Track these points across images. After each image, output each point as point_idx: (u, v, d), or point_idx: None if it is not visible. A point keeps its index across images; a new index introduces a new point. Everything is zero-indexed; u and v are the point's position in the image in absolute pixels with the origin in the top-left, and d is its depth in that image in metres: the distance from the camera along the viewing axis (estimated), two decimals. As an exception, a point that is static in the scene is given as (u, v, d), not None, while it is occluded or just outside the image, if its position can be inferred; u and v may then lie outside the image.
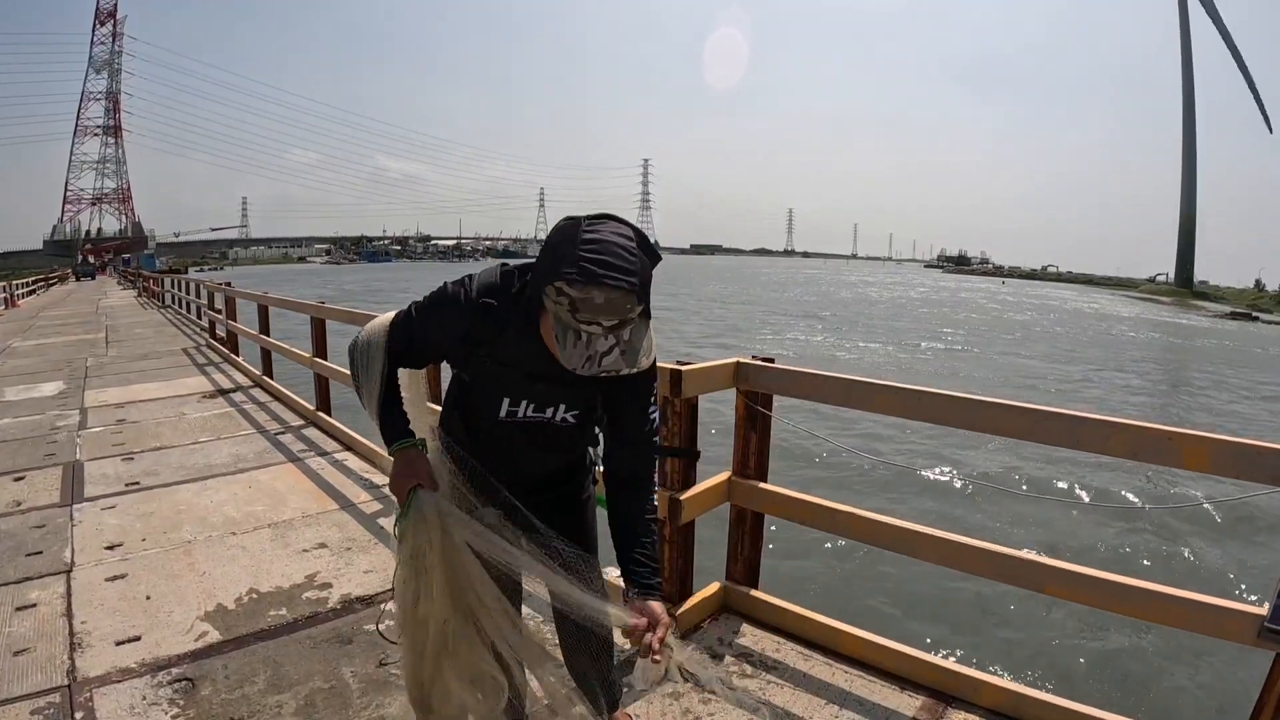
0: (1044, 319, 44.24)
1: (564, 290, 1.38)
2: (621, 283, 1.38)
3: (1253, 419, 15.99)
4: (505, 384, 1.71)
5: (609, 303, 1.37)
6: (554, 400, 1.73)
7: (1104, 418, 2.13)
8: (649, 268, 1.46)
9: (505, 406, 1.73)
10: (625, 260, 1.40)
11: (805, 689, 2.56)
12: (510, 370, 1.68)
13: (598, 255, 1.38)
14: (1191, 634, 2.12)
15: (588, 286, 1.36)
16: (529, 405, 1.73)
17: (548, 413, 1.75)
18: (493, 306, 1.59)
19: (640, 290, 1.42)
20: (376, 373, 1.73)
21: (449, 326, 1.66)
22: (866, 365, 20.13)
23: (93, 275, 62.34)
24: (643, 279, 1.43)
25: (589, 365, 1.41)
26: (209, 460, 5.38)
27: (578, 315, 1.38)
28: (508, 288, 1.61)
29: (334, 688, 2.58)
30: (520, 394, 1.71)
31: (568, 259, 1.39)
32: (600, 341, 1.40)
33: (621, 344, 1.41)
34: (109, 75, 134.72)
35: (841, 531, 2.78)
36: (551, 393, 1.70)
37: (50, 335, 14.95)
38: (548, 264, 1.43)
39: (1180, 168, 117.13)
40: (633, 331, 1.43)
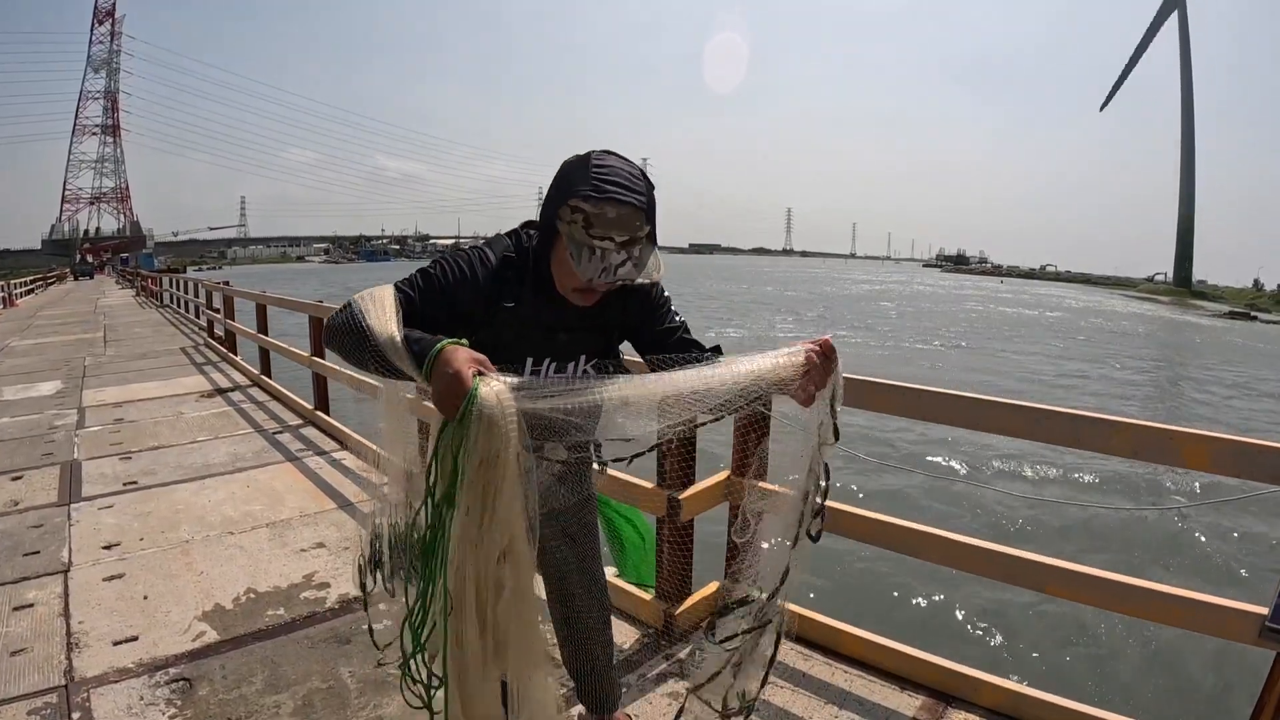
0: (1045, 316, 44.29)
1: (579, 207, 1.43)
2: (631, 199, 1.45)
3: (1251, 415, 16.02)
4: (529, 341, 1.68)
5: (620, 218, 1.44)
6: (574, 352, 1.74)
7: (1105, 417, 2.12)
8: (653, 196, 1.53)
9: (529, 367, 1.71)
10: (634, 181, 1.48)
11: (805, 689, 2.56)
12: (530, 326, 1.66)
13: (609, 176, 1.46)
14: (1192, 633, 2.12)
15: (601, 203, 1.43)
16: (551, 363, 1.72)
17: (569, 368, 1.75)
18: (513, 261, 1.63)
19: (648, 209, 1.50)
20: (387, 306, 1.44)
21: (476, 285, 1.59)
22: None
23: (91, 274, 62.26)
24: (649, 200, 1.51)
25: (604, 275, 1.46)
26: (207, 459, 5.37)
27: (591, 230, 1.43)
28: (518, 241, 1.67)
29: (332, 688, 2.58)
30: (543, 350, 1.70)
31: (581, 180, 1.46)
32: (613, 255, 1.45)
33: (633, 258, 1.47)
34: (107, 74, 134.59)
35: (841, 531, 2.77)
36: (572, 343, 1.72)
37: (48, 334, 14.93)
38: (561, 188, 1.50)
39: (1179, 167, 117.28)
40: (641, 250, 1.48)
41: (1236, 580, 6.50)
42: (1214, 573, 6.65)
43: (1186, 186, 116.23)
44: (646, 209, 1.49)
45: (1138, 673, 4.91)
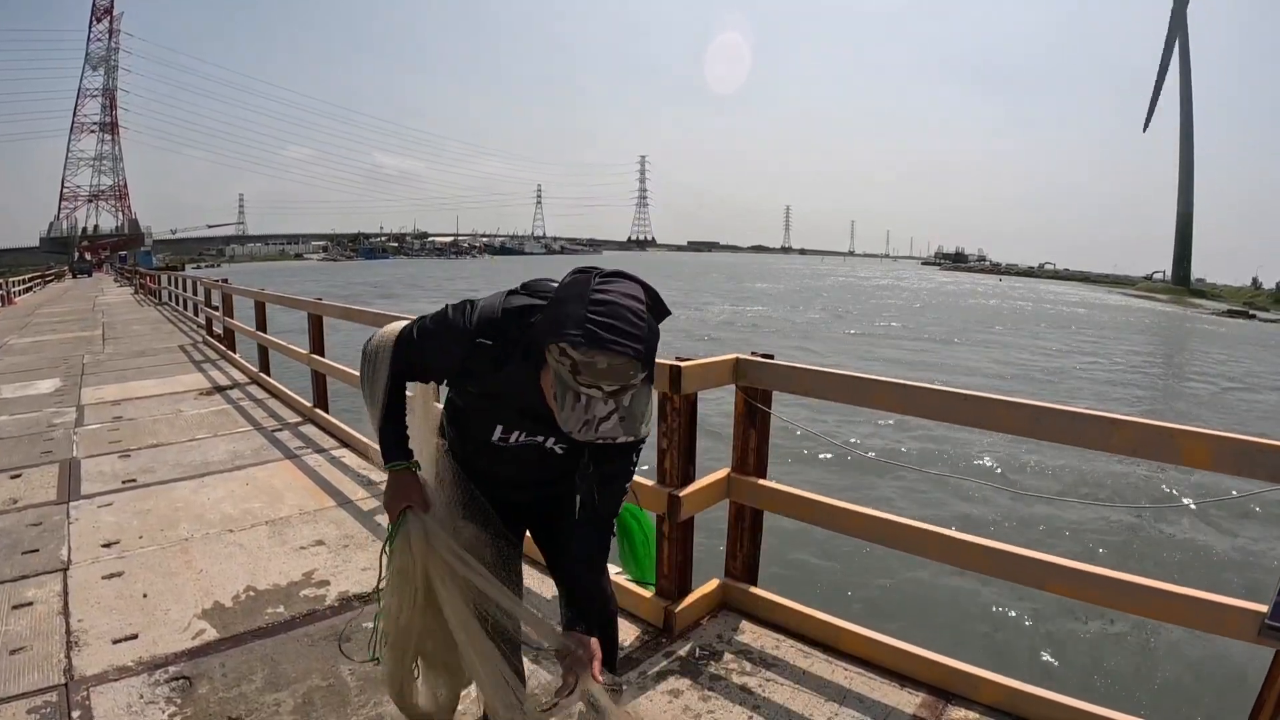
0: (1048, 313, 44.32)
1: (567, 352, 1.35)
2: (627, 349, 1.35)
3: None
4: (498, 413, 1.72)
5: (612, 368, 1.35)
6: (546, 432, 1.73)
7: (1105, 414, 2.12)
8: (656, 333, 1.43)
9: (498, 432, 1.74)
10: (633, 325, 1.36)
11: (805, 686, 2.56)
12: (503, 401, 1.68)
13: (605, 319, 1.35)
14: (1192, 631, 2.12)
15: (591, 350, 1.33)
16: (521, 434, 1.74)
17: (538, 439, 1.75)
18: (487, 346, 1.58)
19: (645, 357, 1.38)
20: (380, 388, 1.75)
21: (445, 355, 1.66)
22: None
23: (89, 272, 62.24)
24: (649, 346, 1.40)
25: (585, 430, 1.38)
26: (206, 457, 5.37)
27: (579, 378, 1.35)
28: (508, 328, 1.58)
29: (332, 685, 2.57)
30: (514, 425, 1.72)
31: (573, 319, 1.35)
32: (599, 406, 1.37)
33: (621, 410, 1.38)
34: (105, 72, 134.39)
35: (841, 528, 2.77)
36: (543, 426, 1.70)
37: (47, 332, 14.92)
38: (553, 320, 1.40)
39: (1178, 167, 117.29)
40: (634, 397, 1.40)
41: (1236, 578, 6.50)
42: (1214, 570, 6.65)
43: (1185, 185, 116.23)
44: (644, 356, 1.38)
45: (1137, 670, 4.92)
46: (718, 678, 2.61)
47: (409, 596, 1.79)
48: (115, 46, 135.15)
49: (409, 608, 1.81)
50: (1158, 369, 24.43)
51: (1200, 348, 32.34)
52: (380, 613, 1.88)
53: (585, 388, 1.35)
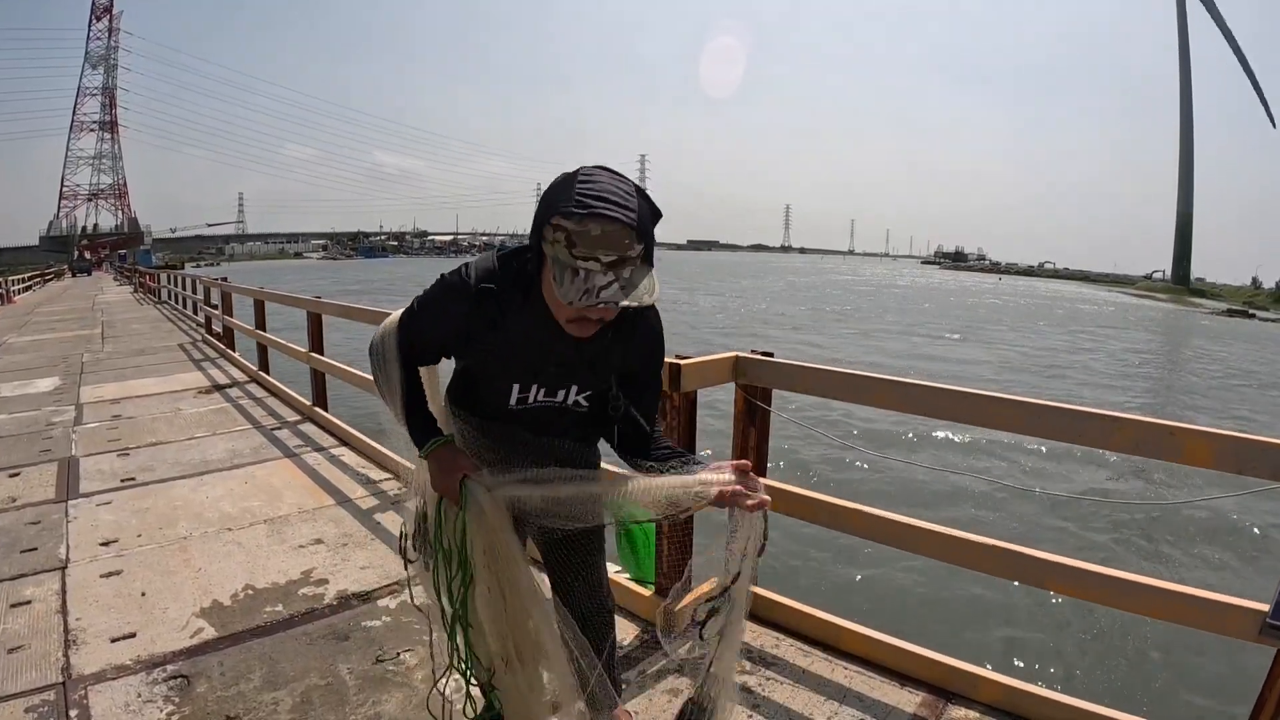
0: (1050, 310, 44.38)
1: (560, 224, 1.36)
2: (618, 215, 1.36)
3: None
4: (513, 369, 1.69)
5: (606, 235, 1.35)
6: (565, 381, 1.71)
7: (1106, 412, 2.12)
8: (651, 214, 1.45)
9: (515, 394, 1.72)
10: (622, 197, 1.39)
11: (804, 685, 2.55)
12: (517, 353, 1.66)
13: (594, 191, 1.37)
14: (1192, 630, 2.11)
15: (584, 219, 1.35)
16: (539, 389, 1.72)
17: (559, 395, 1.74)
18: (491, 290, 1.57)
19: (639, 228, 1.39)
20: (396, 378, 1.72)
21: (450, 315, 1.64)
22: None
23: (89, 271, 62.25)
24: (641, 216, 1.40)
25: (586, 298, 1.36)
26: (205, 456, 5.36)
27: (574, 250, 1.35)
28: (507, 269, 1.59)
29: (330, 685, 2.57)
30: (530, 378, 1.70)
31: (565, 196, 1.38)
32: (598, 277, 1.36)
33: (620, 280, 1.37)
34: (105, 70, 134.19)
35: (841, 527, 2.76)
36: (562, 373, 1.69)
37: (46, 331, 14.92)
38: (544, 206, 1.42)
39: (1178, 166, 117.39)
40: (633, 272, 1.39)
41: (1237, 577, 6.50)
42: (1214, 569, 6.65)
43: (1185, 185, 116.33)
44: (638, 226, 1.39)
45: (1138, 669, 4.91)
46: (717, 677, 2.60)
47: (509, 576, 1.66)
48: (115, 45, 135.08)
49: (512, 590, 1.67)
50: (1155, 366, 24.47)
51: (1201, 344, 32.54)
52: (463, 620, 1.72)
53: (582, 260, 1.35)
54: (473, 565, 1.66)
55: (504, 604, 1.68)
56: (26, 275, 37.40)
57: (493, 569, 1.66)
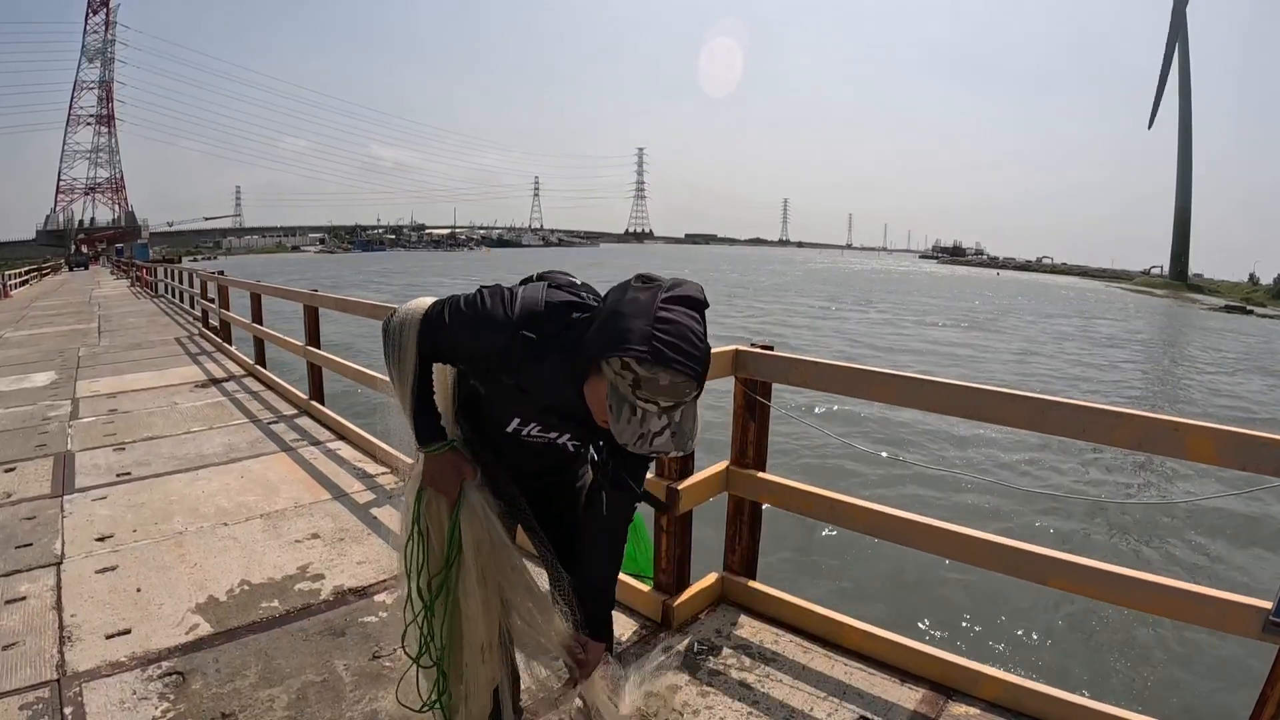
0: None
1: (630, 366, 1.34)
2: (688, 369, 1.35)
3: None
4: (521, 408, 1.69)
5: (673, 385, 1.34)
6: (561, 429, 1.72)
7: (1108, 408, 2.10)
8: (709, 353, 1.43)
9: (514, 423, 1.72)
10: (695, 347, 1.37)
11: (804, 681, 2.54)
12: (530, 398, 1.65)
13: (670, 338, 1.34)
14: (1194, 627, 2.10)
15: (655, 368, 1.33)
16: (536, 426, 1.72)
17: (551, 435, 1.74)
18: (532, 341, 1.52)
19: (702, 378, 1.39)
20: (409, 370, 1.69)
21: (482, 345, 1.58)
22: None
23: (86, 265, 62.07)
24: (706, 365, 1.40)
25: (640, 444, 1.38)
26: (201, 450, 5.34)
27: (638, 392, 1.35)
28: (550, 322, 1.53)
29: (326, 681, 2.55)
30: (531, 418, 1.70)
31: (639, 334, 1.35)
32: (654, 421, 1.36)
33: (673, 425, 1.38)
34: (102, 64, 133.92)
35: (841, 522, 2.75)
36: (563, 422, 1.69)
37: (43, 325, 14.88)
38: (615, 333, 1.37)
39: (1176, 162, 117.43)
40: (684, 413, 1.40)
41: (1239, 574, 6.49)
42: (1217, 566, 6.64)
43: (1183, 181, 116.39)
44: (702, 377, 1.39)
45: (1140, 666, 4.91)
46: (716, 673, 2.59)
47: (489, 570, 1.76)
48: (111, 39, 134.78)
49: (490, 583, 1.76)
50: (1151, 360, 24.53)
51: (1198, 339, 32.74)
52: (430, 610, 1.78)
53: (643, 402, 1.35)
54: (462, 559, 1.74)
55: (488, 597, 1.76)
56: (23, 269, 37.28)
57: (479, 564, 1.74)
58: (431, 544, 1.77)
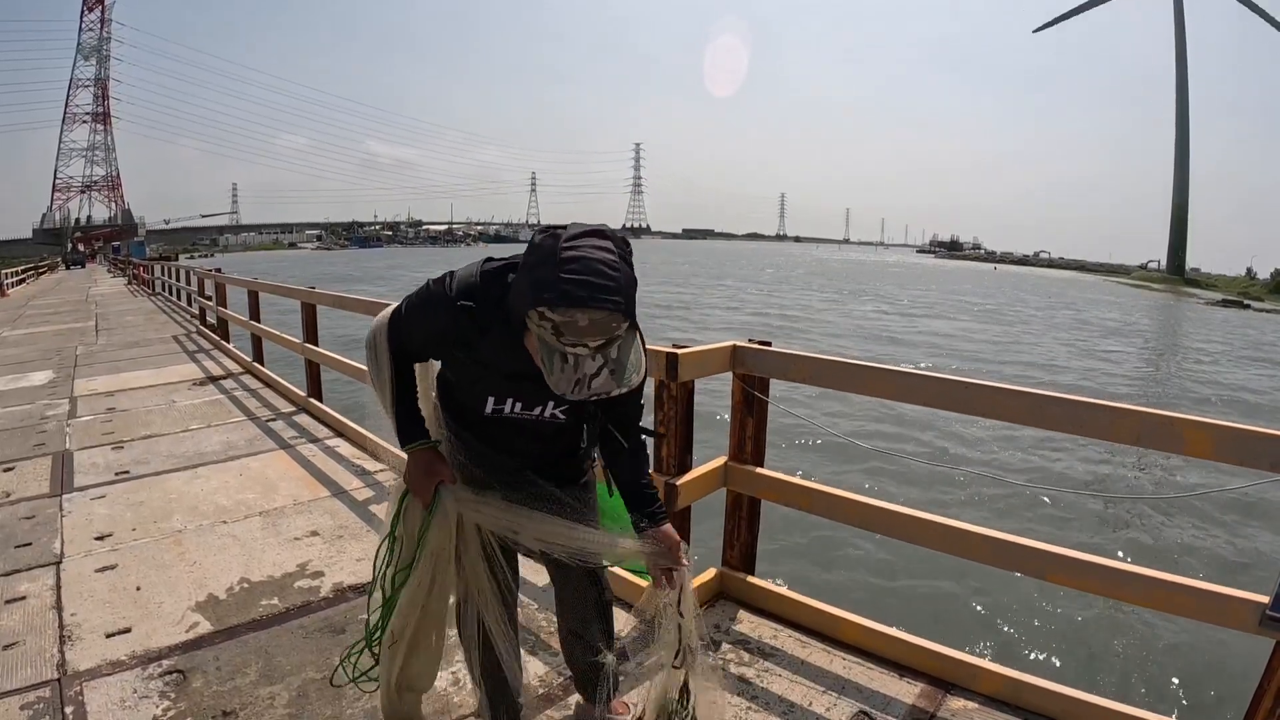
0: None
1: (546, 315, 1.32)
2: (605, 303, 1.32)
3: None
4: (488, 383, 1.70)
5: (594, 324, 1.32)
6: (542, 398, 1.70)
7: (1107, 403, 2.11)
8: (633, 281, 1.40)
9: (491, 404, 1.72)
10: (608, 278, 1.34)
11: (803, 676, 2.55)
12: (491, 370, 1.66)
13: (578, 275, 1.32)
14: (1192, 621, 2.11)
15: (570, 309, 1.31)
16: (515, 403, 1.72)
17: (535, 411, 1.73)
18: (471, 309, 1.55)
19: (626, 308, 1.36)
20: (386, 375, 1.76)
21: (430, 325, 1.66)
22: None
23: (82, 264, 61.99)
24: (627, 295, 1.36)
25: (578, 389, 1.36)
26: (199, 448, 5.34)
27: (562, 339, 1.33)
28: (488, 289, 1.56)
29: (327, 678, 2.55)
30: (505, 393, 1.70)
31: (546, 282, 1.33)
32: (588, 363, 1.35)
33: (610, 362, 1.36)
34: (97, 62, 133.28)
35: (840, 517, 2.76)
36: (538, 391, 1.65)
37: (40, 324, 14.87)
38: (526, 287, 1.37)
39: (1173, 157, 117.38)
40: (620, 347, 1.37)
41: (1237, 568, 6.51)
42: (1215, 561, 6.66)
43: (1180, 175, 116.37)
44: (624, 307, 1.35)
45: (1137, 660, 4.92)
46: (715, 668, 2.59)
47: (440, 577, 1.85)
48: (107, 36, 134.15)
49: (434, 591, 1.85)
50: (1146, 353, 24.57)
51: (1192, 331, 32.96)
52: (388, 604, 1.88)
53: (570, 347, 1.34)
54: (417, 559, 1.82)
55: (425, 601, 1.86)
56: (20, 268, 37.23)
57: (431, 569, 1.83)
58: (404, 545, 1.86)
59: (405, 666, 1.96)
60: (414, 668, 1.99)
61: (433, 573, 1.83)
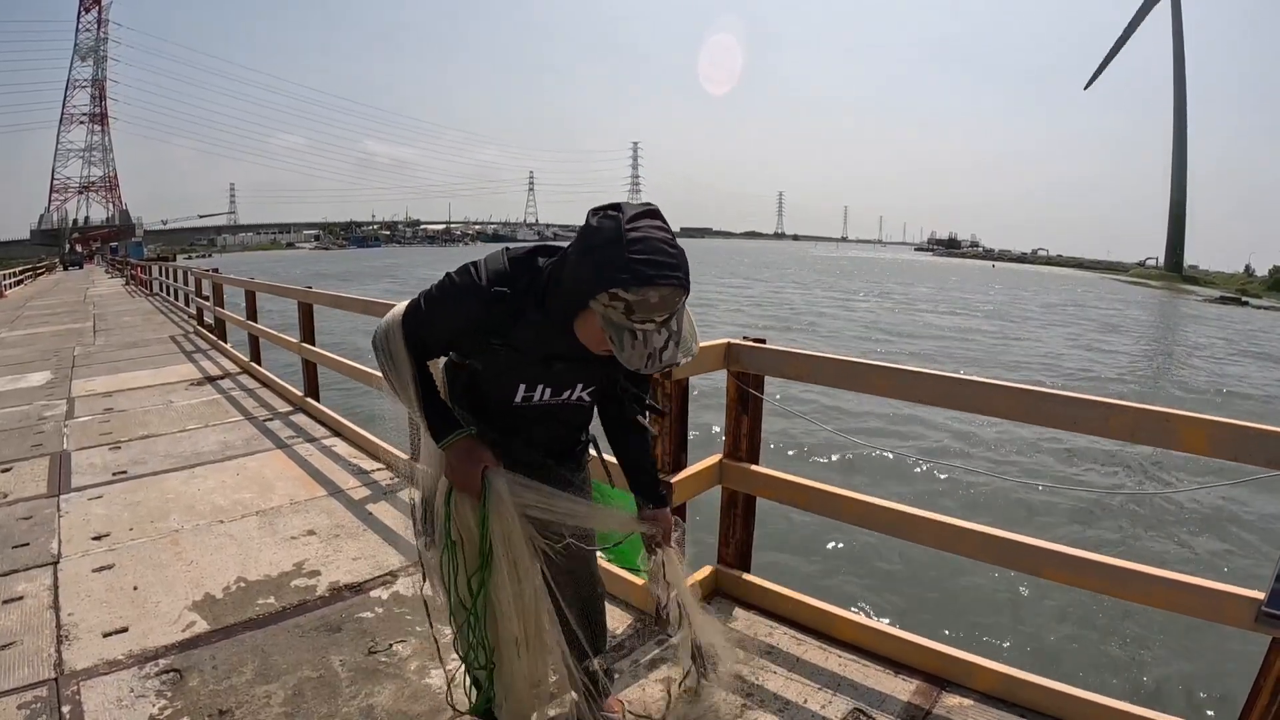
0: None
1: (620, 295, 1.36)
2: (672, 279, 1.38)
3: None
4: (521, 370, 1.71)
5: (663, 300, 1.38)
6: (572, 381, 1.75)
7: (1101, 399, 2.11)
8: (687, 260, 1.45)
9: (521, 392, 1.74)
10: (672, 255, 1.39)
11: (799, 673, 2.55)
12: (525, 356, 1.67)
13: (647, 255, 1.37)
14: (1188, 618, 2.11)
15: (643, 288, 1.36)
16: (545, 389, 1.74)
17: (564, 395, 1.77)
18: (505, 295, 1.57)
19: (687, 282, 1.42)
20: (407, 374, 1.72)
21: (461, 315, 1.64)
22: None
23: (80, 264, 61.98)
24: (686, 270, 1.42)
25: (650, 363, 1.41)
26: (197, 448, 5.33)
27: (633, 317, 1.37)
28: (518, 275, 1.59)
29: (322, 677, 2.56)
30: (536, 379, 1.72)
31: (617, 263, 1.37)
32: (655, 338, 1.39)
33: (674, 335, 1.42)
34: (95, 62, 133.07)
35: (835, 515, 2.76)
36: (569, 373, 1.72)
37: (38, 325, 14.85)
38: (595, 268, 1.40)
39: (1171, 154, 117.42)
40: (678, 320, 1.43)
41: (1233, 565, 6.51)
42: (1211, 558, 6.66)
43: (1178, 172, 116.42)
44: (686, 282, 1.42)
45: (1134, 657, 4.93)
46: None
47: (521, 561, 1.76)
48: (104, 36, 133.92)
49: (527, 580, 1.77)
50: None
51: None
52: (475, 612, 1.79)
53: (640, 325, 1.38)
54: (493, 553, 1.73)
55: (520, 589, 1.76)
56: (17, 269, 37.19)
57: (510, 556, 1.74)
58: (465, 548, 1.77)
59: (531, 669, 1.84)
60: (539, 667, 1.87)
61: (513, 560, 1.74)
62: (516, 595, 1.75)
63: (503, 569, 1.74)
